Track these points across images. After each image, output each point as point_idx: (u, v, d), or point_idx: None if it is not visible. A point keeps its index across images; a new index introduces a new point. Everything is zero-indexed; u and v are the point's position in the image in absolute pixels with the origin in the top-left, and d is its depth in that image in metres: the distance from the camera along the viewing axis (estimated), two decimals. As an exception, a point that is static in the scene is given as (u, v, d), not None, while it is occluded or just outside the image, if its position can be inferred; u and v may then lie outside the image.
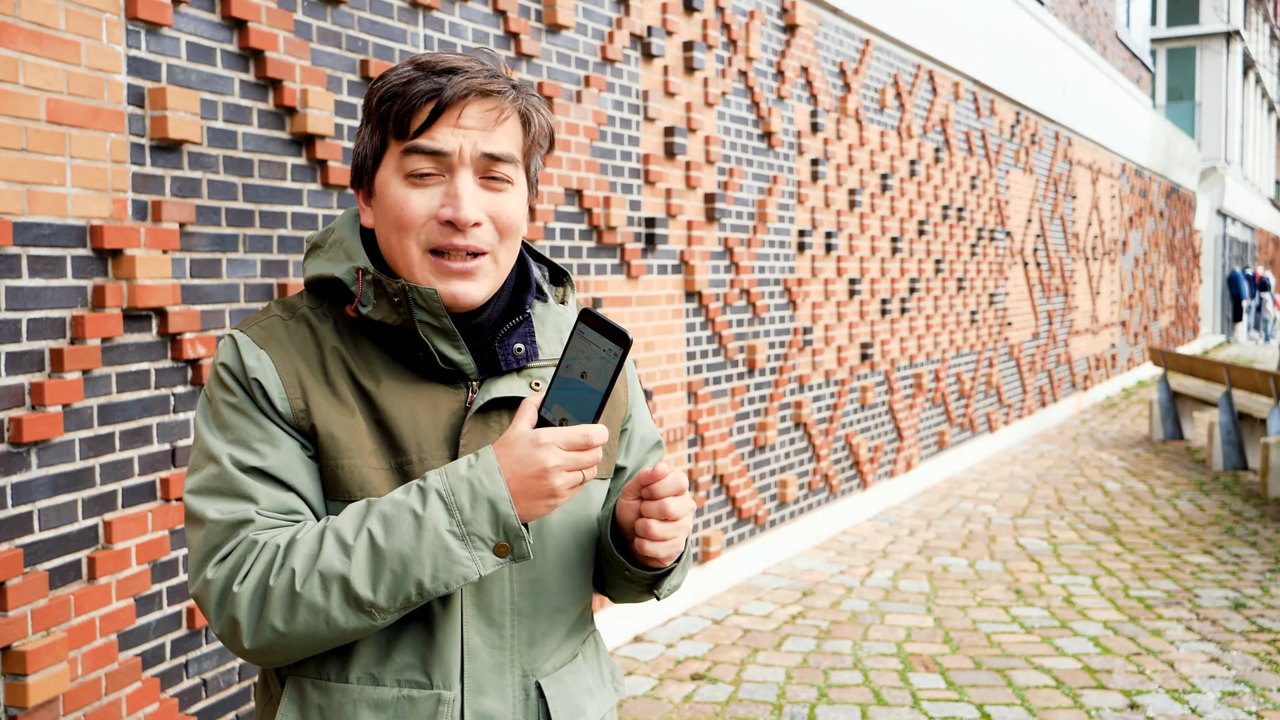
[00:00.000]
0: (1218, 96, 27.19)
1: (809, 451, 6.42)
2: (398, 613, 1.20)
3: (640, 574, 1.34)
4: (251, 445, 1.23)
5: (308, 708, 1.27)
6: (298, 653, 1.22)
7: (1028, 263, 10.74)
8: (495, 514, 1.18)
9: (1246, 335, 26.64)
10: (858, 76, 6.98)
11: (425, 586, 1.18)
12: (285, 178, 3.18)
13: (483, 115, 1.25)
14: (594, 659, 1.44)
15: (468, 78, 1.25)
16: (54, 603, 2.55)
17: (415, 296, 1.25)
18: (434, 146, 1.24)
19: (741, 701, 4.16)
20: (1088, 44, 13.61)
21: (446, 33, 3.79)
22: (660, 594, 1.39)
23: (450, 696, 1.26)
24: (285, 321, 1.29)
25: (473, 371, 1.30)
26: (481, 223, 1.26)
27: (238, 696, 3.06)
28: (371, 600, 1.18)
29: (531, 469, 1.18)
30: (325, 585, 1.17)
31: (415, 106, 1.24)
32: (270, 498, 1.22)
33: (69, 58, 2.57)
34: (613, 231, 4.67)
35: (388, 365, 1.29)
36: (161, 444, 2.84)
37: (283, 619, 1.18)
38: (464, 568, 1.18)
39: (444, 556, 1.18)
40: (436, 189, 1.25)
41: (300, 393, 1.25)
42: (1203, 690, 4.24)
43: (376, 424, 1.27)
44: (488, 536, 1.19)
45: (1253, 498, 7.82)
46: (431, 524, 1.17)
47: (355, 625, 1.19)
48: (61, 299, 2.58)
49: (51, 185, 2.54)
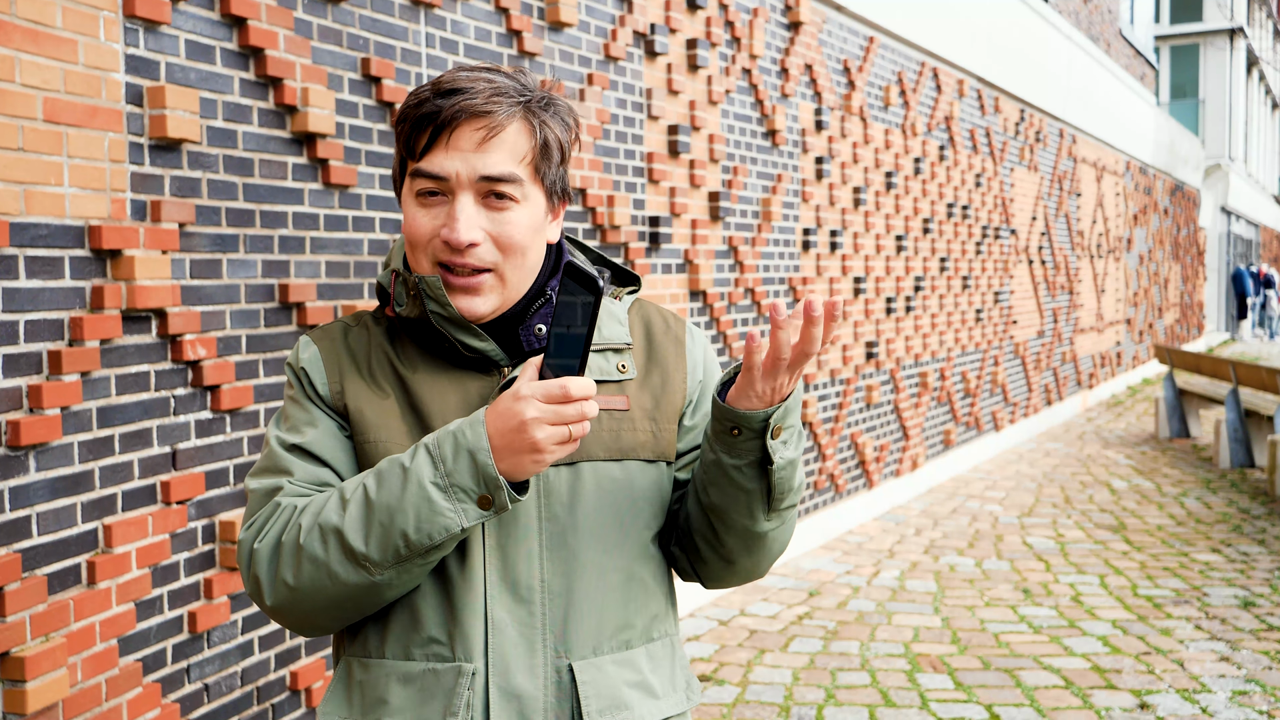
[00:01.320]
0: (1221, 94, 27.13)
1: (815, 451, 6.38)
2: (394, 566, 1.23)
3: (751, 414, 1.22)
4: (297, 427, 1.33)
5: (351, 685, 1.32)
6: (315, 612, 1.27)
7: (1033, 261, 10.70)
8: (475, 464, 1.20)
9: (1251, 333, 26.57)
10: (862, 74, 6.95)
11: (411, 538, 1.21)
12: (286, 177, 3.15)
13: (473, 136, 1.28)
14: (665, 661, 1.39)
15: (465, 98, 1.28)
16: (53, 608, 2.52)
17: (423, 287, 1.32)
18: (432, 171, 1.29)
19: (748, 703, 4.13)
20: (1092, 41, 13.56)
21: (448, 31, 3.76)
22: (776, 455, 1.25)
23: (471, 669, 1.27)
24: (349, 327, 1.40)
25: (500, 357, 1.35)
26: (479, 243, 1.30)
27: (240, 701, 3.03)
28: (364, 552, 1.22)
29: (511, 421, 1.19)
30: (324, 538, 1.23)
31: (419, 130, 1.29)
32: (305, 471, 1.31)
33: (66, 56, 2.54)
34: (616, 230, 4.63)
35: (425, 358, 1.36)
36: (162, 447, 2.81)
37: (292, 573, 1.25)
38: (445, 518, 1.21)
39: (426, 507, 1.20)
40: (440, 208, 1.30)
41: (339, 378, 1.35)
42: (1213, 690, 4.21)
43: (410, 408, 1.33)
44: (469, 488, 1.21)
45: (1260, 495, 7.78)
46: (416, 475, 1.21)
47: (355, 579, 1.23)
48: (60, 300, 2.55)
49: (49, 185, 2.51)
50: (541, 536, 1.31)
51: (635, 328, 1.43)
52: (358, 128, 3.39)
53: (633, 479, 1.35)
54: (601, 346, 1.37)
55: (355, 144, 3.38)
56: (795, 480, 1.32)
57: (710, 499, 1.32)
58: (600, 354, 1.37)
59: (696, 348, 1.46)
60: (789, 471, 1.29)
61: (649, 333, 1.43)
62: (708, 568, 1.41)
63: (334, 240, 3.32)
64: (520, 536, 1.30)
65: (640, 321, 1.44)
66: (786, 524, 1.38)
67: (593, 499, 1.32)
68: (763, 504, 1.31)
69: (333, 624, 1.30)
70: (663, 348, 1.42)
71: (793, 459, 1.29)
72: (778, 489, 1.30)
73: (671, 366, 1.41)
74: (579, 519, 1.32)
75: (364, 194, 3.43)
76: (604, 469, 1.33)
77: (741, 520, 1.32)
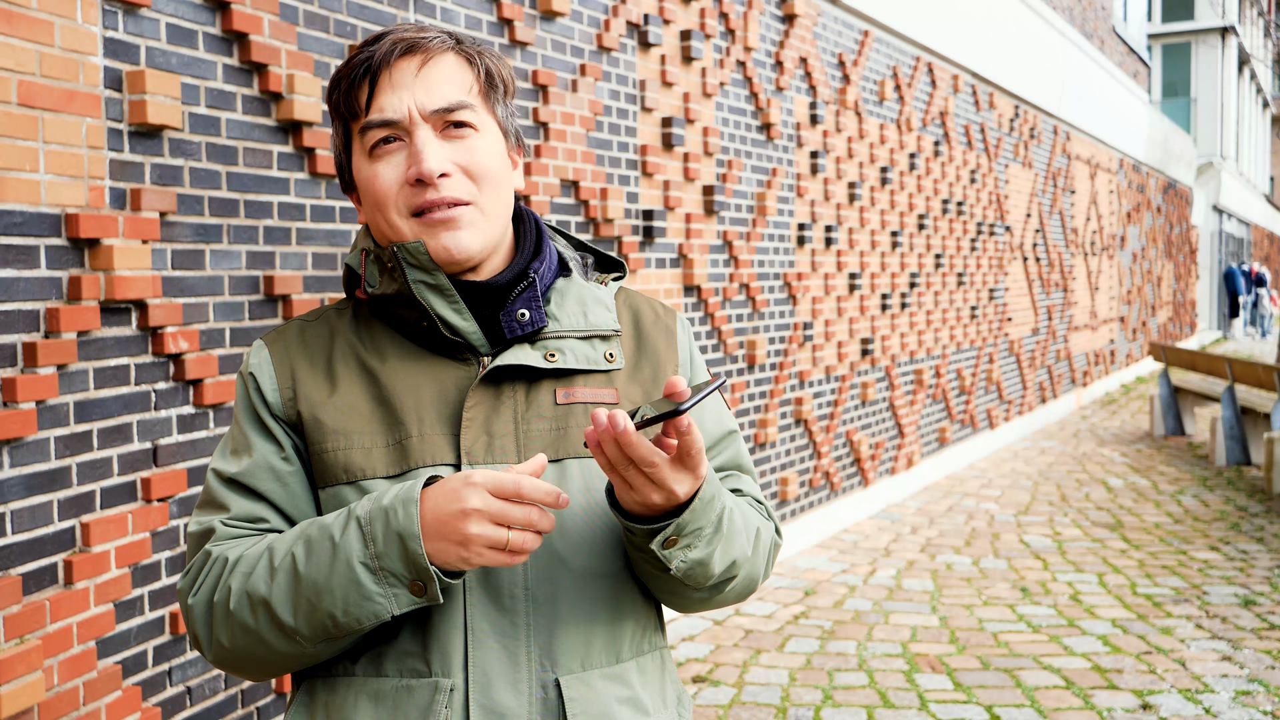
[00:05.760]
0: (1213, 92, 27.14)
1: (810, 449, 6.31)
2: (326, 642, 1.15)
3: (633, 526, 1.14)
4: (235, 453, 1.25)
5: (315, 706, 1.23)
6: (258, 669, 1.20)
7: (1027, 258, 10.66)
8: (405, 550, 1.09)
9: (1243, 331, 26.61)
10: (857, 68, 6.88)
11: (339, 620, 1.12)
12: (271, 166, 3.07)
13: (410, 67, 1.22)
14: (655, 675, 1.30)
15: (392, 37, 1.24)
16: (28, 608, 2.43)
17: (404, 255, 1.22)
18: (383, 117, 1.22)
19: (745, 704, 4.05)
20: (1085, 38, 13.53)
21: (438, 18, 3.68)
22: (672, 563, 1.15)
23: (448, 685, 1.16)
24: (307, 323, 1.31)
25: (481, 343, 1.25)
26: (450, 173, 1.22)
27: (224, 704, 2.95)
28: (294, 627, 1.14)
29: (451, 506, 1.09)
30: (253, 608, 1.16)
31: (355, 82, 1.23)
32: (240, 506, 1.23)
33: (42, 38, 2.46)
34: (610, 224, 4.56)
35: (396, 344, 1.27)
36: (142, 442, 2.72)
37: (226, 636, 1.18)
38: (375, 604, 1.11)
39: (355, 590, 1.11)
40: (400, 154, 1.23)
41: (290, 382, 1.25)
42: (1216, 690, 4.15)
43: (379, 401, 1.23)
44: (400, 573, 1.10)
45: (1257, 493, 7.73)
46: (345, 553, 1.11)
47: (288, 649, 1.16)
48: (35, 290, 2.47)
49: (24, 171, 2.42)
50: None
51: (623, 317, 1.34)
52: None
53: None
54: (588, 333, 1.28)
55: (342, 133, 3.30)
56: (713, 569, 1.18)
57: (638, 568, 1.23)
58: (586, 341, 1.28)
59: (686, 339, 1.38)
60: (700, 569, 1.17)
61: (638, 323, 1.35)
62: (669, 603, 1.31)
63: (321, 231, 3.24)
64: None
65: (628, 311, 1.36)
66: (737, 579, 1.26)
67: (581, 500, 1.22)
68: (684, 589, 1.22)
69: (283, 672, 1.23)
70: (653, 339, 1.34)
71: (701, 558, 1.16)
72: (693, 579, 1.18)
73: (663, 358, 1.33)
74: (566, 521, 1.21)
75: (351, 184, 3.34)
76: (592, 467, 1.23)
77: (669, 598, 1.25)
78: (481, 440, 1.21)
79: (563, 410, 1.24)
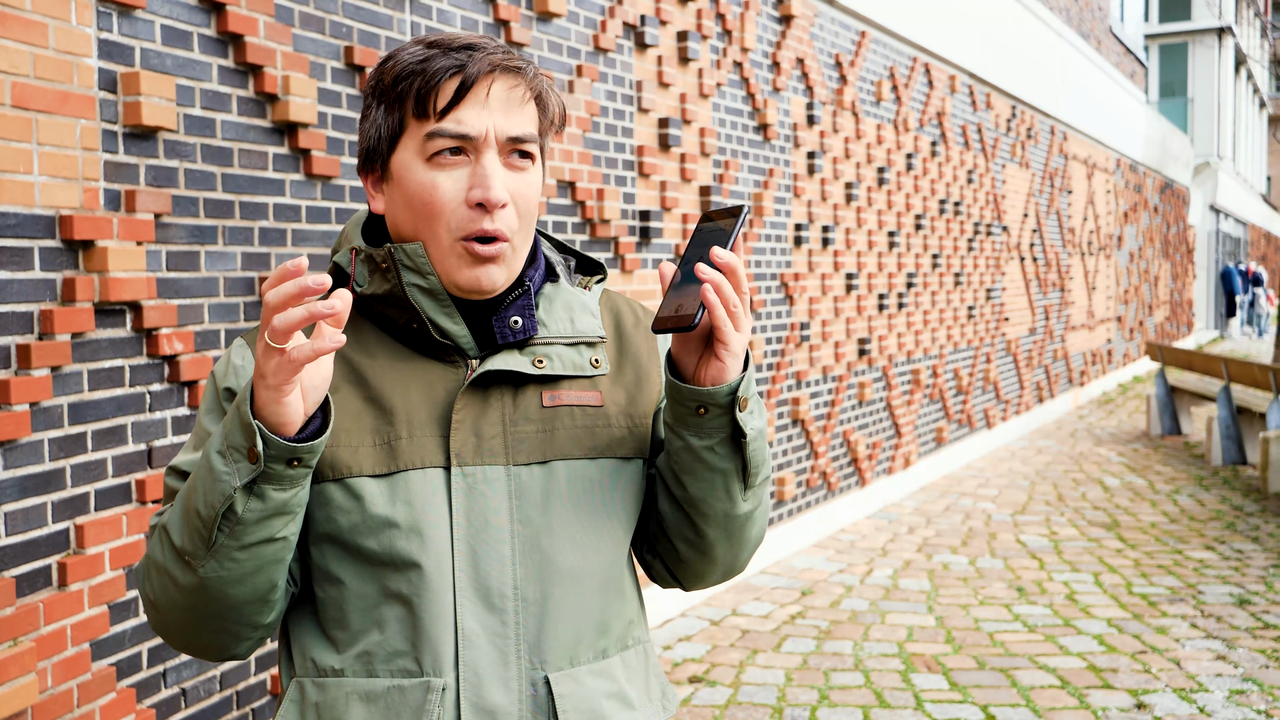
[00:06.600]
0: (1210, 92, 27.16)
1: (807, 449, 6.32)
2: (207, 555, 1.12)
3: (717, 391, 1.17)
4: (193, 449, 1.24)
5: (305, 708, 1.22)
6: (183, 629, 1.20)
7: (1024, 258, 10.66)
8: (238, 416, 1.08)
9: (1240, 330, 26.63)
10: (854, 69, 6.89)
11: (201, 513, 1.11)
12: (266, 167, 3.07)
13: (508, 94, 1.21)
14: (639, 670, 1.32)
15: (489, 54, 1.20)
16: (22, 611, 2.43)
17: (401, 256, 1.21)
18: (460, 130, 1.19)
19: (741, 704, 4.06)
20: (1082, 38, 13.53)
21: (434, 19, 3.68)
22: (748, 426, 1.19)
23: (440, 684, 1.18)
24: None
25: (470, 347, 1.25)
26: (508, 204, 1.21)
27: (219, 706, 2.95)
28: (180, 544, 1.14)
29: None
30: (161, 540, 1.17)
31: (438, 84, 1.19)
32: None
33: (36, 39, 2.46)
34: (606, 225, 4.56)
35: (385, 345, 1.26)
36: (136, 444, 2.72)
37: (151, 586, 1.19)
38: (222, 482, 1.09)
39: (208, 476, 1.10)
40: (461, 170, 1.20)
41: None
42: (1210, 689, 4.15)
43: (368, 400, 1.23)
44: (240, 444, 1.08)
45: (1253, 493, 7.74)
46: (206, 449, 1.12)
47: (186, 580, 1.14)
48: (29, 292, 2.47)
49: (18, 173, 2.42)
50: (514, 540, 1.22)
51: (605, 320, 1.35)
52: (341, 118, 3.31)
53: (608, 478, 1.27)
54: (575, 340, 1.30)
55: (338, 134, 3.30)
56: (766, 450, 1.27)
57: (686, 490, 1.25)
58: (573, 348, 1.29)
59: (666, 339, 1.39)
60: (760, 442, 1.24)
61: (619, 325, 1.36)
62: (687, 568, 1.34)
63: (316, 233, 3.24)
64: (492, 541, 1.21)
65: (610, 314, 1.37)
66: (763, 504, 1.31)
67: (567, 500, 1.24)
68: (739, 482, 1.24)
69: (213, 639, 1.21)
70: (634, 341, 1.35)
71: (761, 428, 1.23)
72: (753, 462, 1.23)
73: (645, 360, 1.34)
74: (553, 521, 1.23)
75: (347, 185, 3.34)
76: (578, 468, 1.25)
77: (721, 505, 1.26)
78: (470, 442, 1.23)
79: (549, 413, 1.26)
